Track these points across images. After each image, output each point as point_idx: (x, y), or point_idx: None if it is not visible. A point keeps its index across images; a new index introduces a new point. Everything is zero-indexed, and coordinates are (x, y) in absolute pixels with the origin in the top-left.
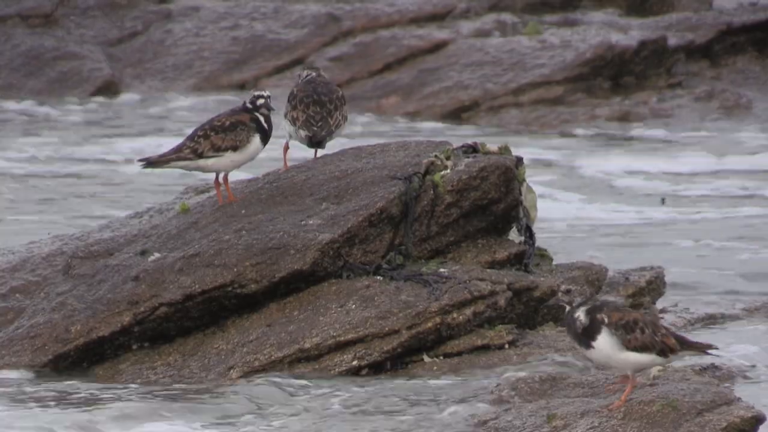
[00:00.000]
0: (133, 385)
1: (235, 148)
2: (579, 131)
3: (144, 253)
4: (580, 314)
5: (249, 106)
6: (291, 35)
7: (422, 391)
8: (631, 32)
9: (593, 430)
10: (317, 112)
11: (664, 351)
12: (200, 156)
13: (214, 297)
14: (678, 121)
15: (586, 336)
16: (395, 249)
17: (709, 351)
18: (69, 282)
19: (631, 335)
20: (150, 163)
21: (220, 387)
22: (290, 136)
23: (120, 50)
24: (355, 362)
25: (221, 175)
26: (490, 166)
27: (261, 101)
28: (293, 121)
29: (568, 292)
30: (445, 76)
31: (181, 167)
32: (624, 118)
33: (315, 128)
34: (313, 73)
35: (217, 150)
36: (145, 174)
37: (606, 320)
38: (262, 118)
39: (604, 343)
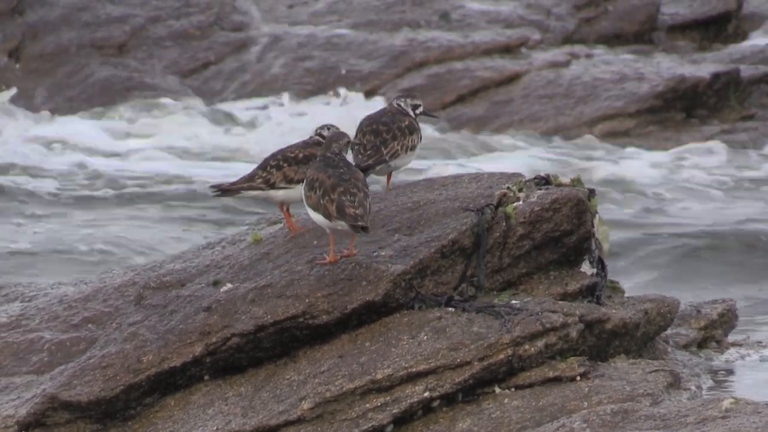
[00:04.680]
0: None
1: None
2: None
3: (216, 283)
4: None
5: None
6: (364, 67)
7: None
8: (704, 64)
9: None
10: (370, 141)
11: (327, 215)
12: (272, 186)
13: (286, 328)
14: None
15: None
16: (467, 280)
17: (357, 224)
18: (141, 312)
19: (309, 193)
20: (222, 190)
21: None
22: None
23: (193, 80)
24: (426, 393)
25: (285, 206)
26: (562, 198)
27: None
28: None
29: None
30: (518, 108)
31: (252, 197)
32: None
33: (361, 156)
34: (410, 101)
35: (290, 182)
36: None
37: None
38: None
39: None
